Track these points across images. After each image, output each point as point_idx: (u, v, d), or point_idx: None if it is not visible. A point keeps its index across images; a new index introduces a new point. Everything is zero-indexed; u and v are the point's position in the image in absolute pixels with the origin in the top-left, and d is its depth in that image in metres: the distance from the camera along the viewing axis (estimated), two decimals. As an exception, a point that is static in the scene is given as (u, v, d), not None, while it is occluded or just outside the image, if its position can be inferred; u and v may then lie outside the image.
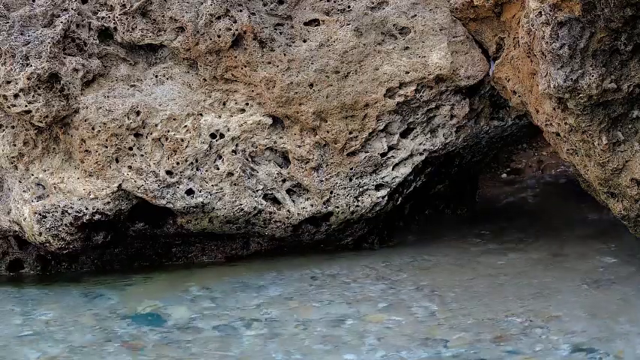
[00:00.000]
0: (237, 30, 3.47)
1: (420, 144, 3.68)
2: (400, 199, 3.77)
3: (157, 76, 3.54)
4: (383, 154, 3.64)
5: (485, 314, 3.07)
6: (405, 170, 3.68)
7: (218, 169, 3.53)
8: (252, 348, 2.92)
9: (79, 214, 3.45)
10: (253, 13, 3.52)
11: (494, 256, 3.67)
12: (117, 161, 3.46)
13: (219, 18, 3.46)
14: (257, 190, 3.57)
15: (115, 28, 3.50)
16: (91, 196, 3.45)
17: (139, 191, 3.47)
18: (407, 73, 3.59)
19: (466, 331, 2.94)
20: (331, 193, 3.61)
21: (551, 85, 3.10)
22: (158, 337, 3.01)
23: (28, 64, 3.37)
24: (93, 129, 3.44)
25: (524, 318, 3.02)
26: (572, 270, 3.48)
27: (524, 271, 3.48)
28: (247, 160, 3.56)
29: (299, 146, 3.57)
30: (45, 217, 3.45)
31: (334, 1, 3.61)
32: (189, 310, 3.23)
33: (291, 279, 3.49)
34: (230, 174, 3.53)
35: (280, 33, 3.56)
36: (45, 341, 3.02)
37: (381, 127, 3.61)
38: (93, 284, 3.53)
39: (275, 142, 3.58)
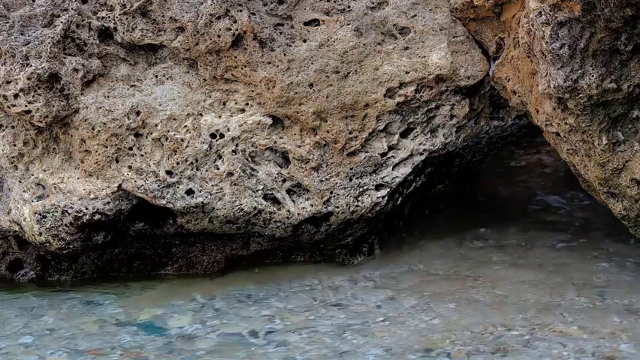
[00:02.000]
0: (237, 30, 3.47)
1: (420, 144, 3.68)
2: (400, 199, 3.77)
3: (157, 76, 3.54)
4: (383, 154, 3.64)
5: (486, 326, 3.06)
6: (405, 170, 3.68)
7: (218, 169, 3.53)
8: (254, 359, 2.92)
9: (79, 214, 3.45)
10: (253, 13, 3.52)
11: (494, 263, 3.66)
12: (117, 161, 3.46)
13: (219, 18, 3.46)
14: (257, 190, 3.57)
15: (115, 28, 3.50)
16: (91, 196, 3.45)
17: (139, 191, 3.47)
18: (407, 73, 3.59)
19: (467, 344, 2.93)
20: (331, 193, 3.61)
21: (551, 85, 3.10)
22: (160, 345, 3.01)
23: (28, 64, 3.37)
24: (93, 129, 3.44)
25: (526, 330, 3.01)
26: (575, 276, 3.47)
27: (525, 278, 3.47)
28: (247, 160, 3.56)
29: (299, 146, 3.57)
30: (45, 217, 3.45)
31: (334, 1, 3.61)
32: (191, 320, 3.22)
33: (291, 291, 3.49)
34: (230, 174, 3.53)
35: (280, 33, 3.56)
36: (45, 349, 3.01)
37: (381, 127, 3.61)
38: (93, 292, 3.52)
39: (275, 142, 3.57)
